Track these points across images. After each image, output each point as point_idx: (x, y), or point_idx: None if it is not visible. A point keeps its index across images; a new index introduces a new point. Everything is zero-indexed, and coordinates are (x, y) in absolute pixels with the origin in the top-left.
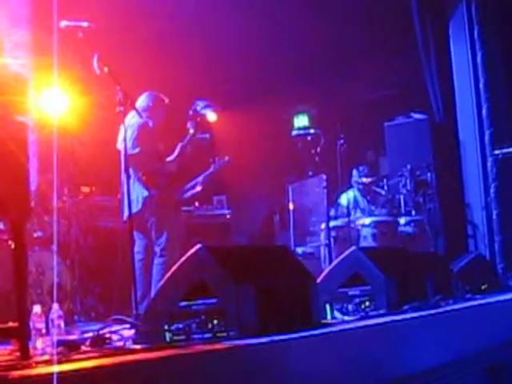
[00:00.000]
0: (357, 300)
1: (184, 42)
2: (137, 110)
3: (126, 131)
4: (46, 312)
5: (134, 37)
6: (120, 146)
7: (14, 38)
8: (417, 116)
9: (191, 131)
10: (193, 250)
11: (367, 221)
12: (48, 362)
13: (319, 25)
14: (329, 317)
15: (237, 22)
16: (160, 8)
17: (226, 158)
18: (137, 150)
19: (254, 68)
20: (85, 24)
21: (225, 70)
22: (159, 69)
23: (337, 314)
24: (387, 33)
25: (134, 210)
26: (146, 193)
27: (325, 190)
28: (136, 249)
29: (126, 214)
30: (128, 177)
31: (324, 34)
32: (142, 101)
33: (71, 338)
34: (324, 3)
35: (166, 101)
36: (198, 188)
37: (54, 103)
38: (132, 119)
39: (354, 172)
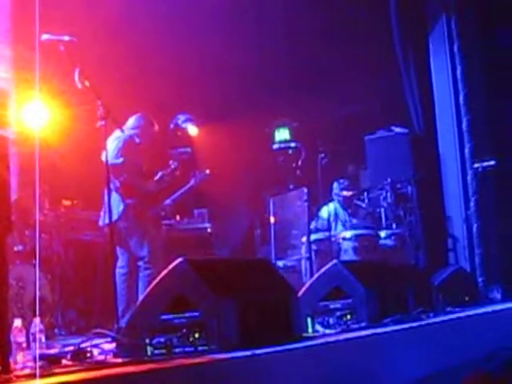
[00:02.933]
0: (338, 313)
1: (165, 56)
2: (119, 126)
3: (111, 143)
4: (27, 326)
5: (116, 51)
6: (104, 157)
7: None
8: (397, 130)
9: (172, 167)
10: (174, 264)
11: (348, 234)
12: (29, 376)
13: (298, 39)
14: (310, 330)
15: (218, 37)
16: (140, 23)
17: (207, 172)
18: (120, 160)
19: (234, 81)
20: (66, 38)
21: (206, 83)
22: (140, 82)
23: (318, 327)
24: (367, 47)
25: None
26: (121, 205)
27: (306, 204)
28: (119, 264)
29: (101, 222)
30: (109, 187)
31: (304, 49)
32: (132, 120)
33: (52, 351)
34: (303, 19)
35: (156, 127)
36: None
37: (36, 116)
38: (118, 133)
39: (335, 185)
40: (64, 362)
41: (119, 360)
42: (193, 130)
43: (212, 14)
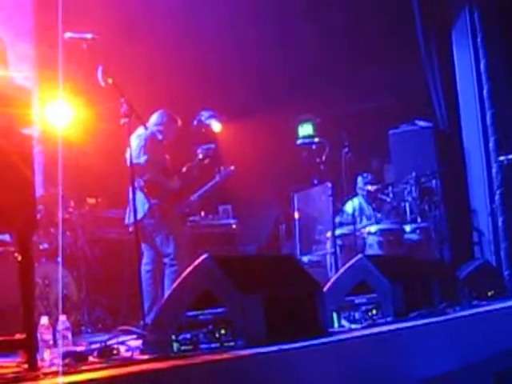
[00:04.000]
0: (363, 308)
1: (189, 54)
2: (143, 123)
3: (133, 141)
4: (53, 323)
5: (139, 48)
6: (128, 155)
7: (18, 52)
8: (421, 123)
9: (200, 156)
10: (199, 260)
11: (373, 229)
12: (56, 374)
13: (321, 33)
14: (336, 325)
15: (240, 33)
16: (164, 19)
17: (232, 168)
18: (143, 159)
19: (257, 77)
20: (89, 36)
21: (229, 80)
22: (164, 80)
23: (344, 323)
24: (391, 41)
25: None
26: (146, 204)
27: (330, 198)
28: (144, 260)
29: (127, 220)
30: (133, 186)
31: (328, 44)
32: (155, 116)
33: (79, 349)
34: (326, 12)
35: (179, 122)
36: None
37: (59, 115)
38: (140, 130)
39: (359, 179)
40: (91, 359)
41: (146, 357)
42: (216, 126)
43: (233, 10)
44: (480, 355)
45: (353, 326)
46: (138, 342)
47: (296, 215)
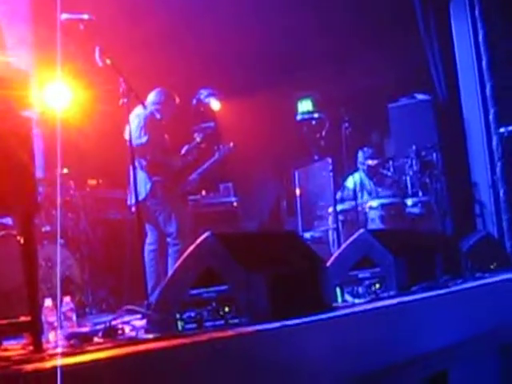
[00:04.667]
0: (367, 282)
1: (186, 32)
2: (141, 102)
3: (132, 122)
4: (57, 305)
5: (136, 28)
6: (127, 136)
7: (15, 34)
8: (420, 96)
9: (198, 139)
10: (201, 238)
11: (374, 203)
12: (61, 355)
13: (320, 10)
14: (339, 300)
15: (239, 10)
16: None
17: (231, 144)
18: (144, 139)
19: (256, 54)
20: (86, 16)
21: (227, 58)
22: (161, 59)
23: (347, 297)
24: (388, 15)
25: (139, 198)
26: (148, 183)
27: (331, 174)
28: (148, 240)
29: (129, 201)
30: (134, 166)
31: (326, 19)
32: (152, 95)
33: (83, 330)
34: None
35: (177, 100)
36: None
37: (57, 97)
38: (139, 110)
39: (360, 154)
40: (95, 339)
41: (150, 336)
42: (215, 104)
43: None
44: (483, 328)
45: (356, 301)
46: (143, 322)
47: (297, 191)
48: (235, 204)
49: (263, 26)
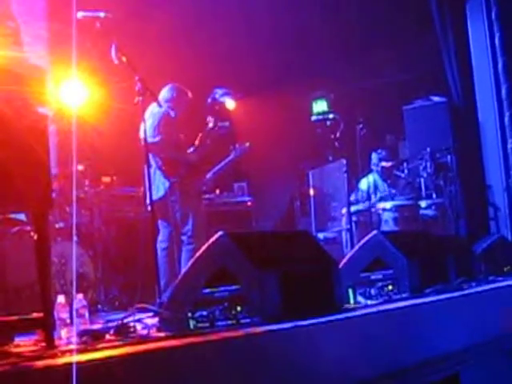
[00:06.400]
0: (379, 284)
1: (201, 31)
2: (156, 100)
3: (147, 120)
4: (70, 302)
5: (152, 26)
6: (142, 134)
7: (31, 31)
8: (435, 99)
9: (210, 124)
10: (215, 238)
11: (388, 205)
12: (73, 352)
13: (335, 9)
14: (352, 301)
15: (253, 9)
16: None
17: (247, 144)
18: (158, 138)
19: (271, 54)
20: (102, 14)
21: (243, 57)
22: (177, 58)
23: (360, 299)
24: (405, 15)
25: (156, 197)
26: (167, 182)
27: (345, 175)
28: (160, 238)
29: (148, 199)
30: (149, 165)
31: (341, 19)
32: (165, 92)
33: (95, 327)
34: None
35: (190, 95)
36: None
37: (73, 94)
38: (154, 109)
39: (374, 156)
40: (107, 337)
41: (162, 334)
42: (230, 103)
43: None
44: (496, 331)
45: (369, 302)
46: (155, 320)
47: (311, 192)
48: (249, 203)
49: (278, 25)
